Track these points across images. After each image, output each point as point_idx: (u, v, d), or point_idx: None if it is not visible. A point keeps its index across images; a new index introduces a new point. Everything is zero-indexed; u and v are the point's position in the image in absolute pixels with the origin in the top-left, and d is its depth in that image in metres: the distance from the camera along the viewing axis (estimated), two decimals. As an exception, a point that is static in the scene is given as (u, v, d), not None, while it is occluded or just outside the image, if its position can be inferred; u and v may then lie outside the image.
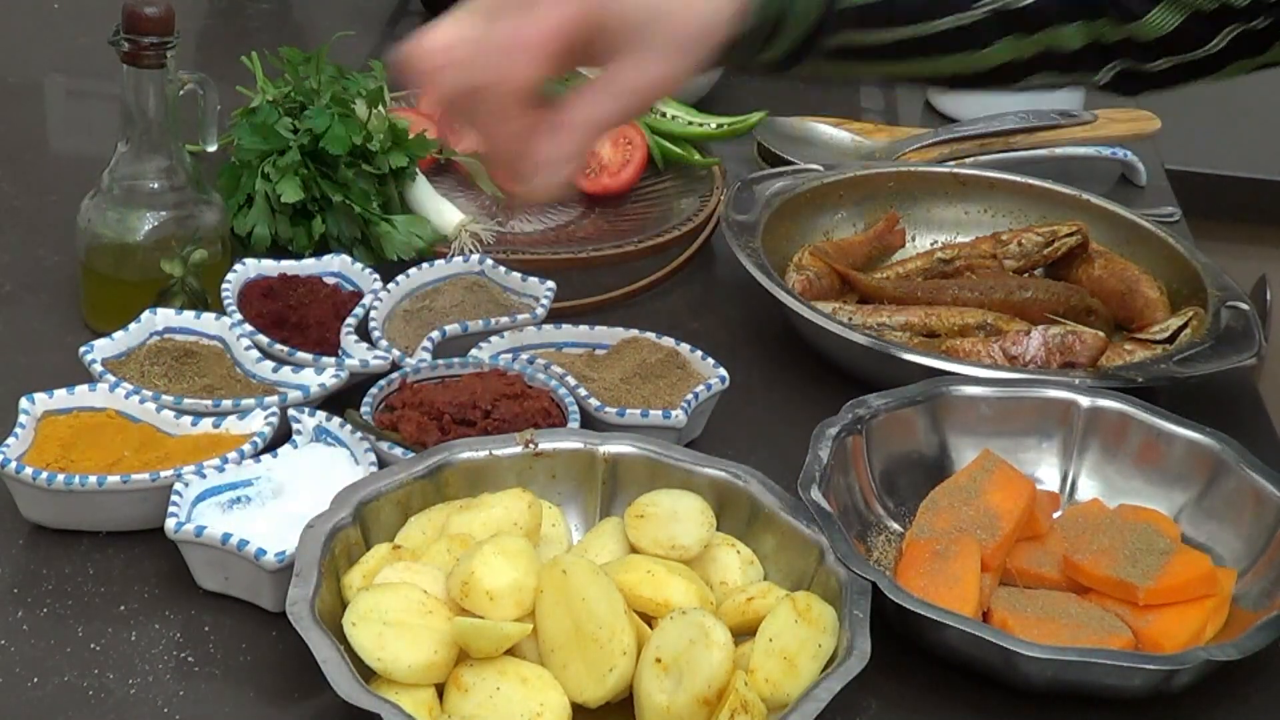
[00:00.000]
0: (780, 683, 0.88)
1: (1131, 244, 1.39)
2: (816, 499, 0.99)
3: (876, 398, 1.09)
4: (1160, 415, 1.10)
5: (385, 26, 1.84)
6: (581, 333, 1.19)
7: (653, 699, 0.86)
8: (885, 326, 1.26)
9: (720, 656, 0.85)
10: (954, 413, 1.10)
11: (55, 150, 1.57)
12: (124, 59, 1.14)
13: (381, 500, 0.97)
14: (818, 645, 0.89)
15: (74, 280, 1.24)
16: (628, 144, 1.44)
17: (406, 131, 1.34)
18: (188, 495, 0.98)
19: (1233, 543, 1.05)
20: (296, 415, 1.06)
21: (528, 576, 0.89)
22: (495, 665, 0.87)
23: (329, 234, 1.28)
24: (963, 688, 0.96)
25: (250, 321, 1.15)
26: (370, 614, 0.87)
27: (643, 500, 0.98)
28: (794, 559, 0.97)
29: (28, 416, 1.03)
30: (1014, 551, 1.03)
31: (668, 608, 0.90)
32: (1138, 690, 0.94)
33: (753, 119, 1.51)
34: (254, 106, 1.32)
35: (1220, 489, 1.07)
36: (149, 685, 0.92)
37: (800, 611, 0.90)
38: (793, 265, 1.32)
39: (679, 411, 1.10)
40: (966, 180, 1.45)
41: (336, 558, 0.92)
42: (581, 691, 0.87)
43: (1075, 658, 0.91)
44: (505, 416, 1.06)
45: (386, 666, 0.86)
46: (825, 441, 1.04)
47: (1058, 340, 1.21)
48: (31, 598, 0.97)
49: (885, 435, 1.08)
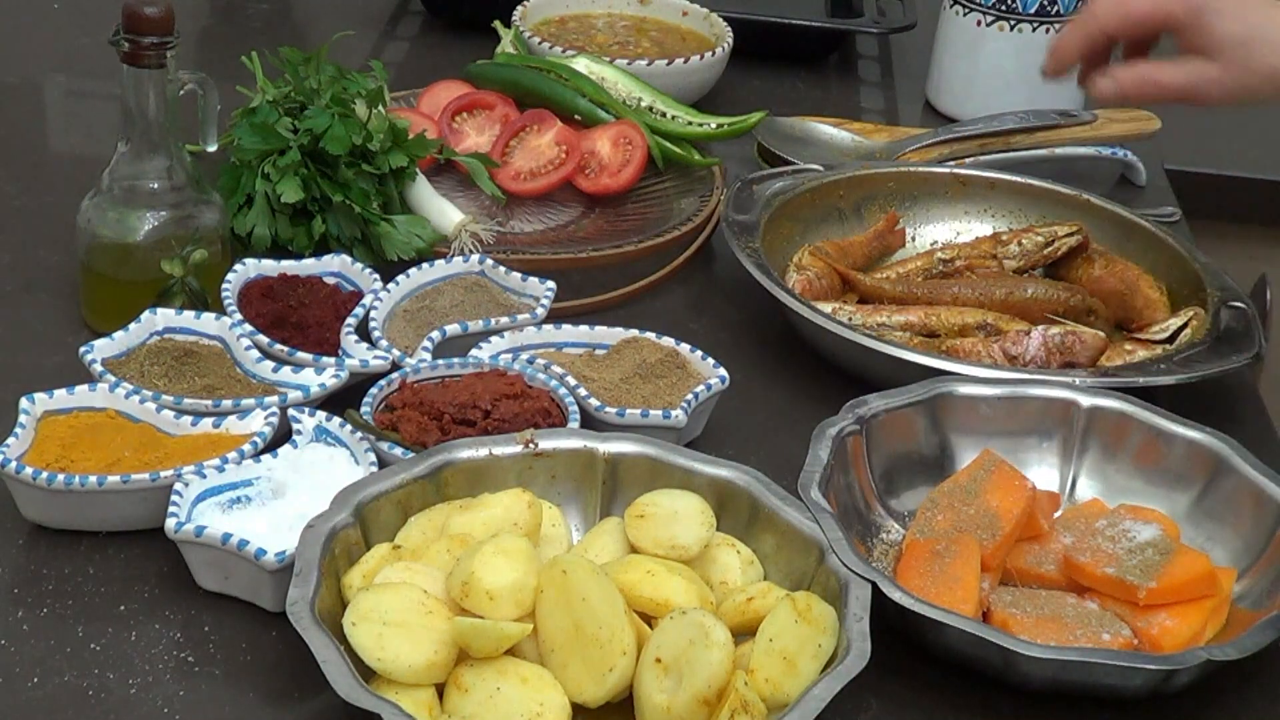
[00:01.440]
0: (780, 683, 0.88)
1: (1131, 244, 1.39)
2: (817, 499, 0.99)
3: (876, 398, 1.09)
4: (1160, 415, 1.10)
5: (385, 26, 1.84)
6: (581, 333, 1.19)
7: (653, 699, 0.86)
8: (885, 326, 1.26)
9: (720, 656, 0.85)
10: (954, 413, 1.10)
11: (55, 150, 1.57)
12: (124, 59, 1.14)
13: (381, 500, 0.97)
14: (818, 645, 0.89)
15: (74, 280, 1.24)
16: (627, 144, 1.44)
17: (406, 131, 1.34)
18: (188, 495, 0.98)
19: (1233, 543, 1.05)
20: (296, 415, 1.06)
21: (528, 576, 0.89)
22: (495, 665, 0.87)
23: (329, 234, 1.28)
24: (963, 688, 0.96)
25: (250, 321, 1.15)
26: (370, 614, 0.87)
27: (643, 500, 0.98)
28: (794, 559, 0.97)
29: (28, 416, 1.03)
30: (1014, 551, 1.03)
31: (668, 608, 0.90)
32: (1138, 690, 0.94)
33: (753, 119, 1.51)
34: (254, 106, 1.32)
35: (1220, 489, 1.07)
36: (149, 685, 0.92)
37: (800, 611, 0.90)
38: (793, 265, 1.32)
39: (679, 411, 1.10)
40: (966, 180, 1.45)
41: (336, 558, 0.92)
42: (581, 691, 0.87)
43: (1075, 658, 0.91)
44: (505, 416, 1.06)
45: (386, 666, 0.86)
46: (825, 441, 1.04)
47: (1058, 340, 1.21)
48: (31, 598, 0.97)
49: (885, 435, 1.08)
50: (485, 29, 1.66)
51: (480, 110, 1.49)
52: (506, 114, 1.48)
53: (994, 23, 1.63)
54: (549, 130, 1.45)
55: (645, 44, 1.71)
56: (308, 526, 0.92)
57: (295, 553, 0.91)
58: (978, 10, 1.64)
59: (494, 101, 1.49)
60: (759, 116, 1.52)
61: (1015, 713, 0.95)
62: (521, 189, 1.43)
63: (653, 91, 1.53)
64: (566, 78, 1.51)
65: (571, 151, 1.43)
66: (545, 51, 1.60)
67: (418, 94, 1.54)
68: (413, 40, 1.82)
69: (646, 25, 1.76)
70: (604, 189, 1.44)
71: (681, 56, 1.62)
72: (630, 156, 1.44)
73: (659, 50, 1.69)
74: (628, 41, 1.72)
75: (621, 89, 1.53)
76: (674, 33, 1.75)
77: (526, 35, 1.63)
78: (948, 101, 1.71)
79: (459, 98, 1.50)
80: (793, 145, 1.54)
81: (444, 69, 1.59)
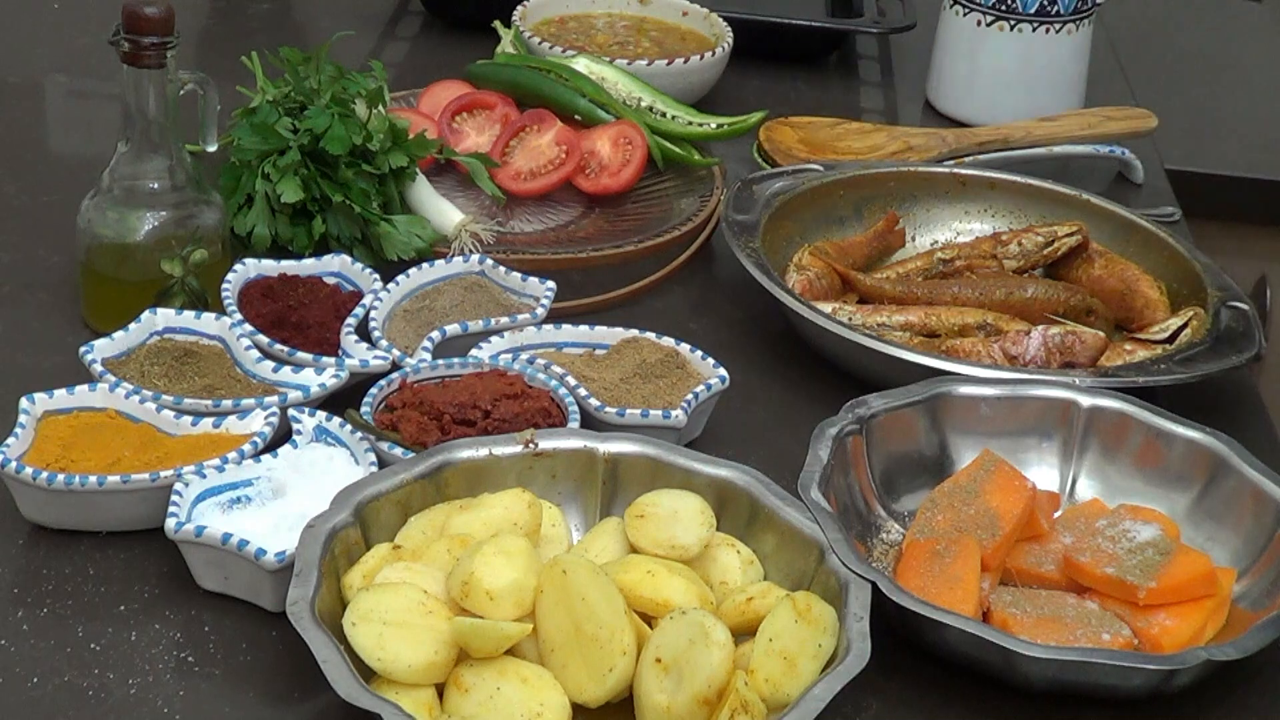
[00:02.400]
0: (780, 683, 0.88)
1: (1131, 244, 1.39)
2: (817, 499, 0.99)
3: (877, 398, 1.09)
4: (1160, 415, 1.10)
5: (385, 26, 1.84)
6: (581, 333, 1.19)
7: (653, 699, 0.86)
8: (885, 326, 1.26)
9: (720, 656, 0.85)
10: (954, 413, 1.10)
11: (55, 150, 1.57)
12: (124, 59, 1.14)
13: (381, 500, 0.97)
14: (818, 645, 0.89)
15: (74, 280, 1.24)
16: (627, 144, 1.44)
17: (406, 131, 1.34)
18: (188, 495, 0.98)
19: (1233, 542, 1.05)
20: (297, 415, 1.06)
21: (528, 576, 0.89)
22: (495, 665, 0.87)
23: (329, 234, 1.28)
24: (963, 688, 0.96)
25: (250, 321, 1.15)
26: (370, 614, 0.87)
27: (643, 500, 0.98)
28: (794, 559, 0.97)
29: (28, 416, 1.03)
30: (1014, 551, 1.03)
31: (668, 608, 0.90)
32: (1137, 690, 0.94)
33: (753, 119, 1.51)
34: (254, 106, 1.32)
35: (1220, 489, 1.07)
36: (149, 685, 0.92)
37: (801, 612, 0.90)
38: (793, 265, 1.32)
39: (679, 411, 1.10)
40: (966, 180, 1.45)
41: (336, 558, 0.92)
42: (581, 691, 0.87)
43: (1075, 657, 0.91)
44: (505, 416, 1.06)
45: (386, 666, 0.86)
46: (825, 441, 1.04)
47: (1058, 340, 1.21)
48: (31, 598, 0.97)
49: (885, 435, 1.08)
50: (485, 29, 1.66)
51: (480, 110, 1.49)
52: (507, 114, 1.48)
53: (994, 23, 1.63)
54: (549, 130, 1.45)
55: (645, 44, 1.71)
56: (308, 526, 0.92)
57: (295, 553, 0.91)
58: (978, 10, 1.64)
59: (494, 101, 1.49)
60: (759, 116, 1.52)
61: (1015, 713, 0.95)
62: (521, 189, 1.43)
63: (653, 91, 1.53)
64: (567, 78, 1.51)
65: (571, 151, 1.43)
66: (545, 51, 1.60)
67: (418, 94, 1.54)
68: (413, 40, 1.82)
69: (646, 25, 1.76)
70: (604, 189, 1.44)
71: (681, 56, 1.62)
72: (630, 156, 1.44)
73: (659, 50, 1.69)
74: (628, 41, 1.72)
75: (621, 89, 1.53)
76: (674, 33, 1.75)
77: (526, 35, 1.63)
78: (947, 102, 1.71)
79: (459, 98, 1.50)
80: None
81: (444, 69, 1.59)
